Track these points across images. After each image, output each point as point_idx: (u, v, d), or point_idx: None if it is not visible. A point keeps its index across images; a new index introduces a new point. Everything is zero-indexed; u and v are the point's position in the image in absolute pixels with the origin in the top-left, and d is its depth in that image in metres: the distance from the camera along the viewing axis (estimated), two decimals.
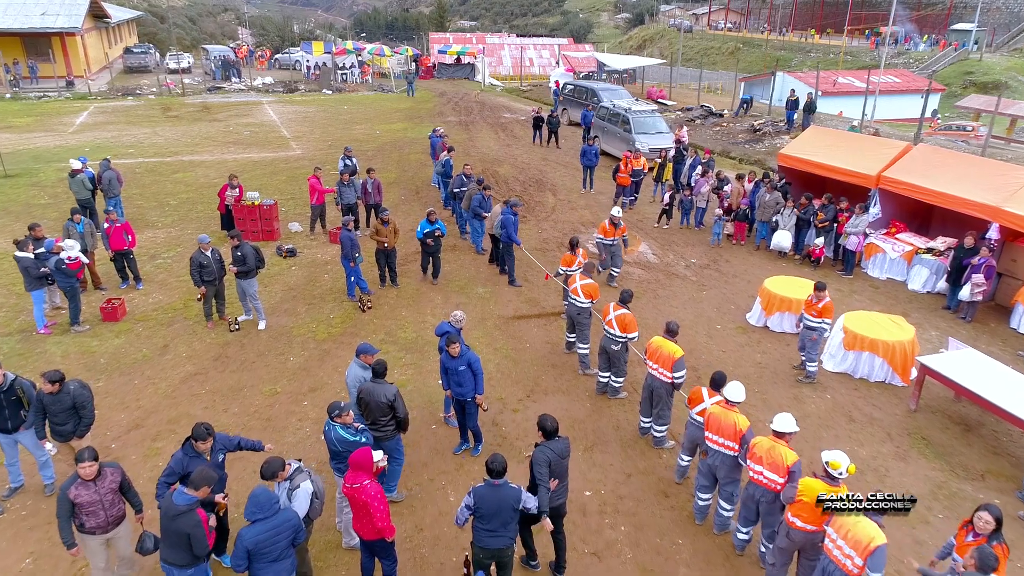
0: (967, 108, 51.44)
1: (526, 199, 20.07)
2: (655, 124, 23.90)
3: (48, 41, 41.70)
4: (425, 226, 13.43)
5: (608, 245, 13.81)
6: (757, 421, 9.13)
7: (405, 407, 7.56)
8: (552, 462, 6.56)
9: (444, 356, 8.36)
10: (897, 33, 73.99)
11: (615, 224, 13.48)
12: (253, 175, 22.16)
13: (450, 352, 8.19)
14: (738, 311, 13.18)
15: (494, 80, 48.52)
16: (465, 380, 8.25)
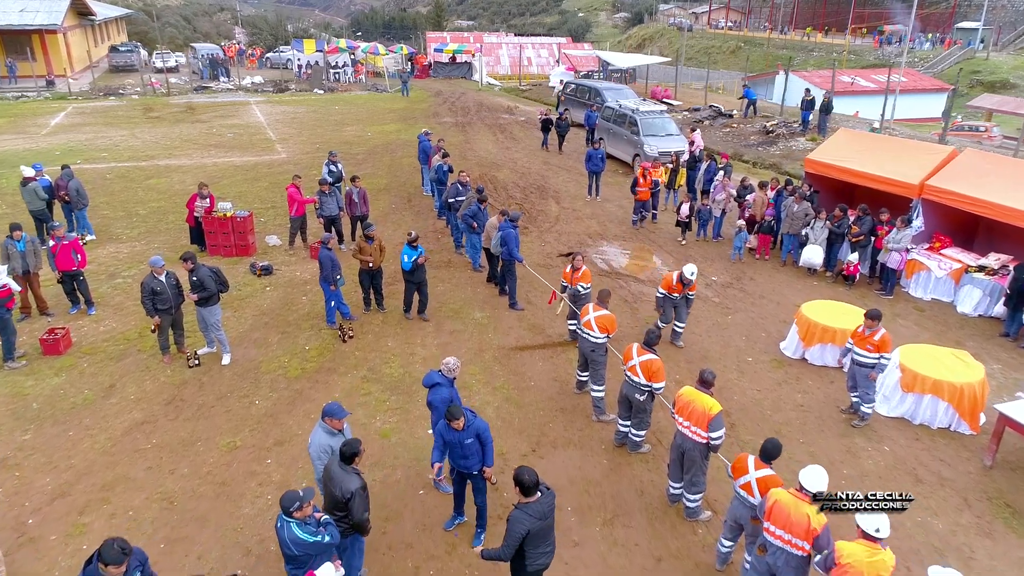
0: (979, 108, 49.98)
1: (527, 208, 18.49)
2: (664, 126, 22.34)
3: (28, 39, 40.03)
4: (410, 253, 11.43)
5: (672, 300, 11.22)
6: None
7: (365, 508, 5.90)
8: (532, 530, 5.44)
9: (443, 426, 6.73)
10: (901, 32, 72.70)
11: (684, 282, 10.90)
12: (232, 181, 20.57)
13: (453, 427, 6.59)
14: (770, 340, 11.61)
15: (492, 79, 46.96)
16: (472, 452, 6.66)
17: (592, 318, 9.19)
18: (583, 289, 10.95)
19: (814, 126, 26.71)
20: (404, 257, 11.38)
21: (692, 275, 10.78)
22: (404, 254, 11.41)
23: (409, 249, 11.38)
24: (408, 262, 11.34)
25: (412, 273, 11.53)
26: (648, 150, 21.37)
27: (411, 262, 11.33)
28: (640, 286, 13.68)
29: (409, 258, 11.33)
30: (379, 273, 12.09)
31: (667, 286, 11.07)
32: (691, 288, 11.04)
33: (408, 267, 11.38)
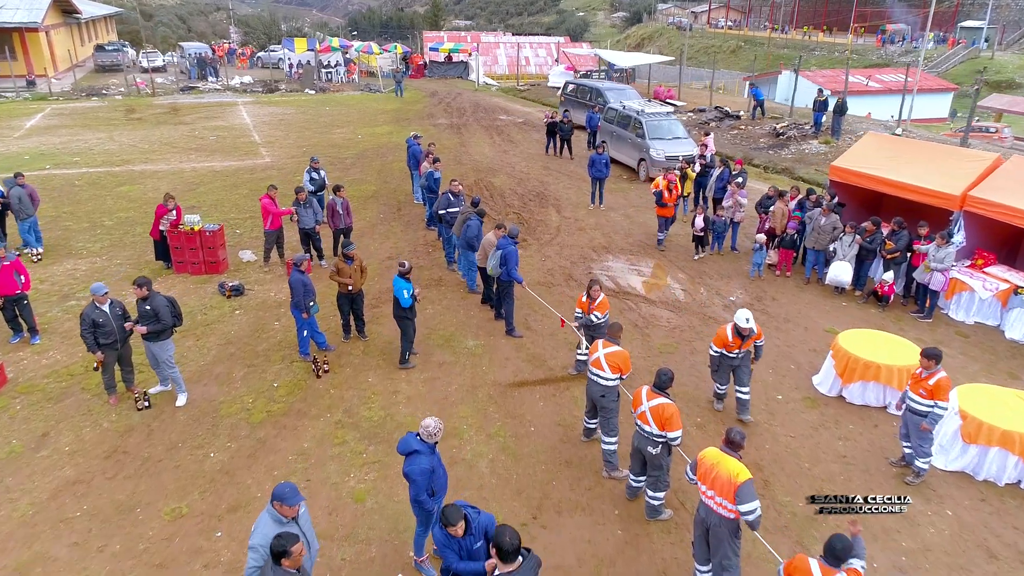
0: (989, 108, 48.79)
1: (526, 217, 17.15)
2: (672, 128, 21.01)
3: (8, 37, 38.59)
4: (408, 287, 9.67)
5: (730, 359, 8.87)
6: None
7: None
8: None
9: (441, 535, 5.26)
10: (903, 31, 71.70)
11: (742, 334, 8.62)
12: (210, 188, 19.20)
13: (452, 533, 5.20)
14: (800, 373, 10.28)
15: (489, 79, 45.62)
16: (482, 554, 5.28)
17: (602, 356, 7.85)
18: (597, 319, 9.59)
19: (827, 128, 25.41)
20: (404, 292, 9.63)
21: (748, 322, 8.49)
22: (402, 288, 9.63)
23: (404, 282, 9.68)
24: (408, 298, 9.70)
25: (412, 309, 9.94)
26: (655, 154, 20.06)
27: (411, 297, 9.77)
28: (651, 308, 12.34)
29: (409, 292, 9.70)
30: (360, 297, 10.75)
31: (722, 343, 8.73)
32: (754, 338, 8.76)
33: (408, 303, 9.72)
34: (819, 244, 12.98)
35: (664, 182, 14.74)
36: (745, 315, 8.56)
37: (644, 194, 19.37)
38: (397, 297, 9.65)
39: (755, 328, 8.67)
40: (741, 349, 8.73)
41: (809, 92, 41.09)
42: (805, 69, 56.18)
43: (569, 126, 23.24)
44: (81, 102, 34.06)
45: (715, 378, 9.27)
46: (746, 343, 8.72)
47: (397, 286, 9.63)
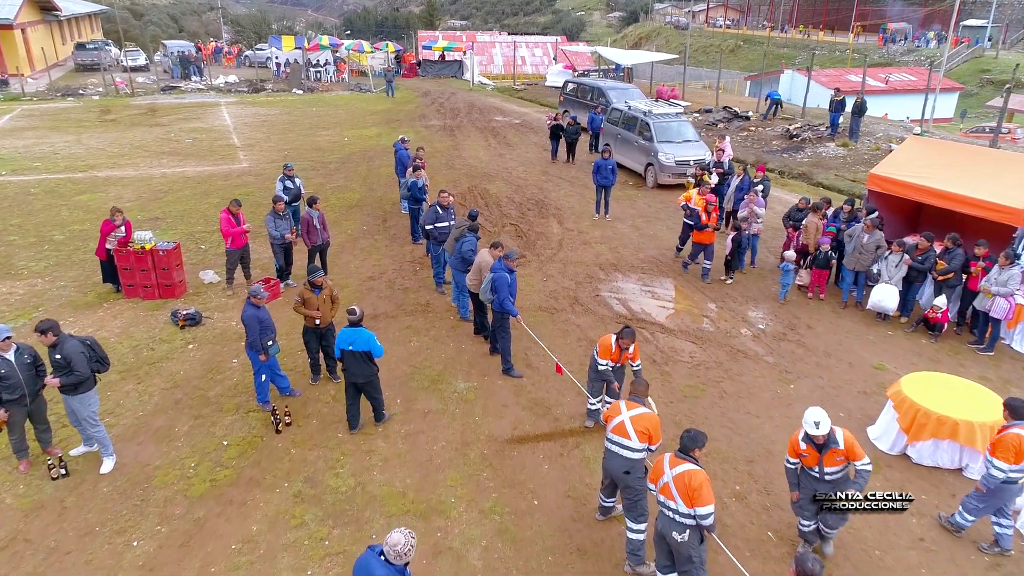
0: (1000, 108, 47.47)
1: (524, 229, 15.52)
2: (681, 130, 19.40)
3: None
4: (348, 337, 7.84)
5: (810, 474, 6.37)
6: None
7: None
8: None
9: None
10: (905, 29, 70.55)
11: (818, 445, 6.20)
12: (179, 196, 17.52)
13: None
14: (852, 421, 8.67)
15: (484, 79, 43.98)
16: None
17: (627, 420, 6.24)
18: (634, 367, 8.01)
19: (844, 129, 23.88)
20: (339, 340, 7.92)
21: (820, 427, 6.08)
22: (341, 337, 7.88)
23: (350, 332, 7.84)
24: (339, 344, 7.89)
25: (347, 365, 7.95)
26: (664, 159, 18.46)
27: (345, 343, 7.83)
28: (670, 338, 10.72)
29: (344, 340, 7.82)
30: (330, 331, 9.10)
31: (796, 451, 6.39)
32: (848, 453, 6.16)
33: (338, 353, 7.96)
34: (861, 265, 11.38)
35: (702, 201, 12.82)
36: (815, 416, 6.14)
37: (653, 202, 17.77)
38: (361, 351, 7.85)
39: (840, 437, 6.16)
40: (827, 468, 6.21)
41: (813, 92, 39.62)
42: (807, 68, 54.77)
43: (575, 128, 21.55)
44: (55, 103, 32.34)
45: (795, 510, 6.57)
46: (824, 454, 6.19)
47: (348, 339, 7.81)
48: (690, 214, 13.01)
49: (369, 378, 8.00)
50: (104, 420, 8.25)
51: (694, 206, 12.87)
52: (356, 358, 7.85)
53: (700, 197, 12.90)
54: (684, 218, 13.36)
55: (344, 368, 8.00)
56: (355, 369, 7.91)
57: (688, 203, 13.03)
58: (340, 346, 7.86)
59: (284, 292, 11.94)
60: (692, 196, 13.03)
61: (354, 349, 7.80)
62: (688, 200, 13.07)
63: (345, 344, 7.82)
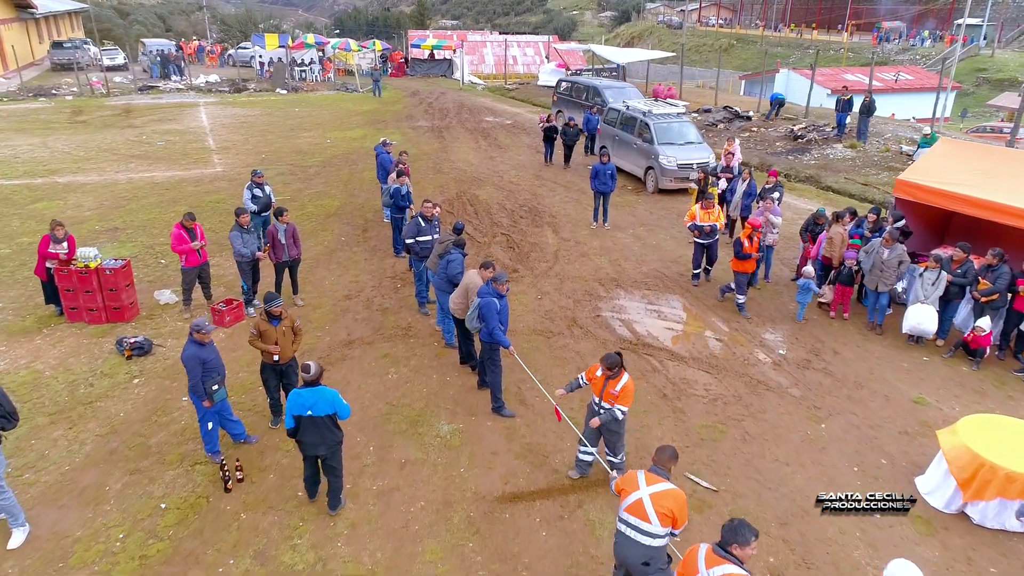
0: (1001, 107, 46.63)
1: (517, 239, 14.30)
2: (683, 132, 18.23)
3: None
4: (305, 400, 6.26)
5: None
6: None
7: None
8: None
9: None
10: (899, 28, 69.98)
11: None
12: (143, 204, 16.22)
13: None
14: (895, 471, 7.49)
15: (475, 78, 42.72)
16: None
17: (645, 498, 5.04)
18: (620, 415, 6.75)
19: (851, 129, 22.77)
20: (289, 407, 6.35)
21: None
22: (291, 404, 6.31)
23: (307, 395, 6.27)
24: (291, 415, 6.33)
25: (305, 435, 6.38)
26: (665, 162, 17.28)
27: (295, 418, 6.32)
28: (680, 367, 9.52)
29: (293, 406, 6.29)
30: (292, 368, 7.85)
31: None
32: None
33: (290, 425, 6.40)
34: (883, 284, 10.20)
35: (746, 227, 11.06)
36: (904, 570, 4.57)
37: (654, 209, 16.59)
38: (324, 415, 6.35)
39: None
40: None
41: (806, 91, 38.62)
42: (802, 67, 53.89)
43: (575, 131, 20.20)
44: (26, 103, 30.87)
45: None
46: None
47: (305, 402, 6.26)
48: (700, 234, 11.74)
49: (333, 448, 6.46)
50: (23, 477, 7.03)
51: (702, 223, 11.61)
52: (317, 425, 6.30)
53: (704, 212, 11.61)
54: (694, 238, 12.03)
55: (300, 440, 6.42)
56: (316, 438, 6.35)
57: (696, 222, 11.70)
58: (293, 412, 6.29)
59: (249, 318, 10.68)
60: (696, 213, 11.71)
61: (314, 415, 6.27)
62: (694, 219, 11.75)
63: (301, 409, 6.25)
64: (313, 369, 6.28)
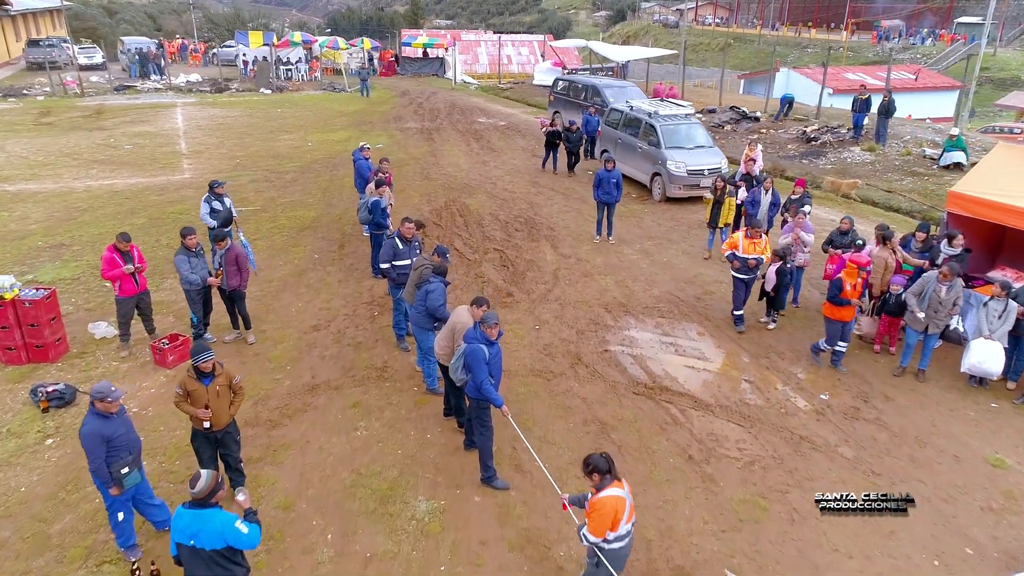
0: (1009, 107, 45.40)
1: (512, 256, 12.76)
2: (693, 134, 16.72)
3: None
4: (187, 526, 4.53)
5: None
6: None
7: None
8: None
9: None
10: (899, 27, 68.94)
11: None
12: (99, 216, 14.64)
13: None
14: (985, 563, 5.98)
15: (468, 78, 41.16)
16: None
17: None
18: (585, 541, 4.98)
19: (868, 131, 21.34)
20: (173, 539, 4.62)
21: None
22: (173, 525, 4.62)
23: (189, 518, 4.52)
24: (173, 544, 4.62)
25: (189, 568, 4.63)
26: (673, 167, 15.76)
27: (178, 544, 4.59)
28: (706, 418, 8.00)
29: (193, 535, 4.50)
30: (230, 435, 6.30)
31: None
32: None
33: (173, 552, 4.64)
34: (935, 325, 8.67)
35: (848, 267, 8.72)
36: None
37: (662, 219, 15.09)
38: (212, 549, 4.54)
39: None
40: None
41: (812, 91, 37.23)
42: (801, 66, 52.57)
43: (579, 135, 18.59)
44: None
45: None
46: None
47: (187, 528, 4.51)
48: (742, 267, 9.72)
49: None
50: None
51: (745, 254, 9.71)
52: (203, 560, 4.52)
53: (749, 242, 9.72)
54: (732, 271, 9.96)
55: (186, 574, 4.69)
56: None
57: (737, 252, 9.81)
58: (175, 537, 4.58)
59: None
60: (739, 242, 9.79)
61: (198, 546, 4.49)
62: (734, 248, 9.83)
63: (183, 536, 4.52)
64: (201, 483, 4.48)
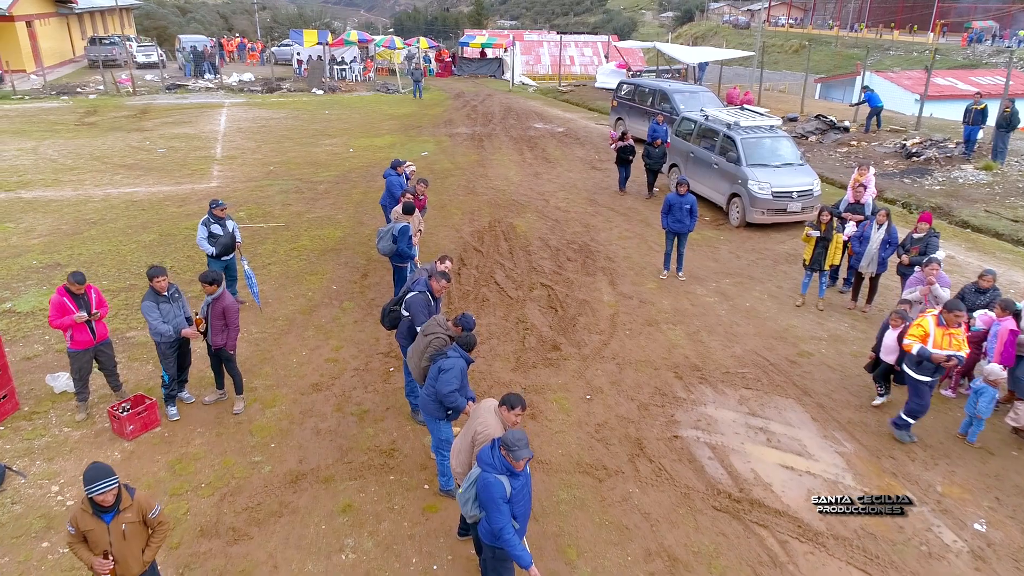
0: None
1: (561, 295, 10.73)
2: (778, 149, 14.37)
3: None
4: None
5: None
6: None
7: None
8: None
9: None
10: (992, 28, 63.96)
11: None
12: (107, 230, 13.28)
13: None
14: None
15: (527, 79, 39.23)
16: None
17: None
18: None
19: (983, 147, 18.47)
20: None
21: None
22: None
23: None
24: None
25: None
26: (756, 188, 13.46)
27: None
28: (818, 555, 5.80)
29: None
30: None
31: None
32: None
33: None
34: None
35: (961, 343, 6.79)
36: None
37: (742, 250, 12.82)
38: None
39: None
40: None
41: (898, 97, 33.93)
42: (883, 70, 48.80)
43: (661, 151, 15.65)
44: (44, 102, 28.76)
45: None
46: None
47: None
48: (932, 367, 6.91)
49: None
50: None
51: (938, 349, 6.82)
52: None
53: (944, 333, 6.81)
54: (909, 368, 7.08)
55: None
56: None
57: (927, 347, 6.85)
58: None
59: (168, 421, 7.42)
60: (930, 329, 6.88)
61: None
62: (924, 341, 6.89)
63: None
64: None
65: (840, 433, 7.48)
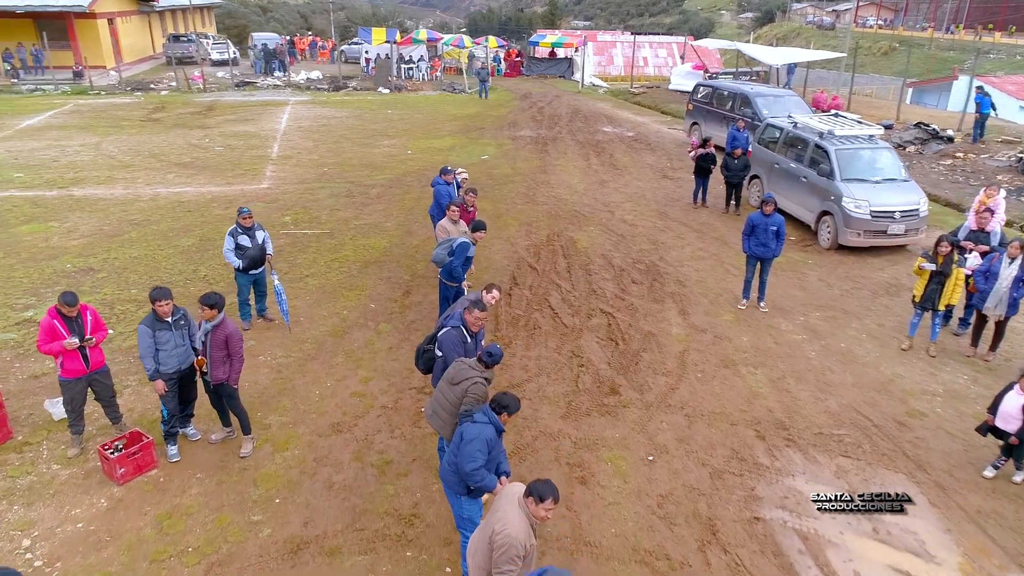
0: None
1: (623, 324, 9.44)
2: (879, 162, 12.66)
3: (63, 24, 34.65)
4: None
5: None
6: None
7: None
8: None
9: None
10: None
11: None
12: (149, 232, 12.72)
13: None
14: None
15: (598, 80, 37.80)
16: None
17: None
18: None
19: None
20: None
21: None
22: None
23: None
24: None
25: None
26: (851, 207, 11.82)
27: None
28: None
29: None
30: None
31: None
32: None
33: None
34: None
35: None
36: None
37: (833, 277, 11.23)
38: None
39: None
40: None
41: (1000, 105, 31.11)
42: (989, 74, 45.16)
43: (741, 162, 13.99)
44: (117, 97, 29.14)
45: None
46: None
47: None
48: None
49: None
50: None
51: None
52: None
53: None
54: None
55: None
56: None
57: None
58: None
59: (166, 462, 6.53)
60: None
61: None
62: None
63: None
64: None
65: (967, 525, 5.98)
